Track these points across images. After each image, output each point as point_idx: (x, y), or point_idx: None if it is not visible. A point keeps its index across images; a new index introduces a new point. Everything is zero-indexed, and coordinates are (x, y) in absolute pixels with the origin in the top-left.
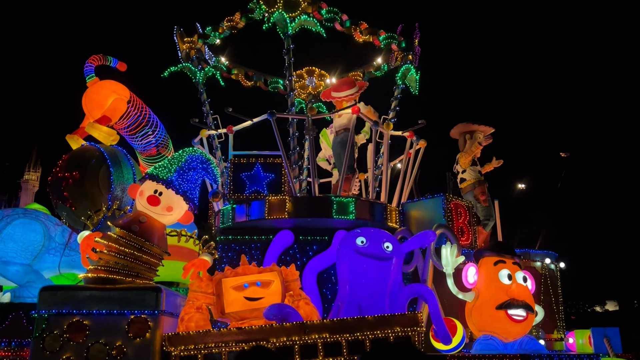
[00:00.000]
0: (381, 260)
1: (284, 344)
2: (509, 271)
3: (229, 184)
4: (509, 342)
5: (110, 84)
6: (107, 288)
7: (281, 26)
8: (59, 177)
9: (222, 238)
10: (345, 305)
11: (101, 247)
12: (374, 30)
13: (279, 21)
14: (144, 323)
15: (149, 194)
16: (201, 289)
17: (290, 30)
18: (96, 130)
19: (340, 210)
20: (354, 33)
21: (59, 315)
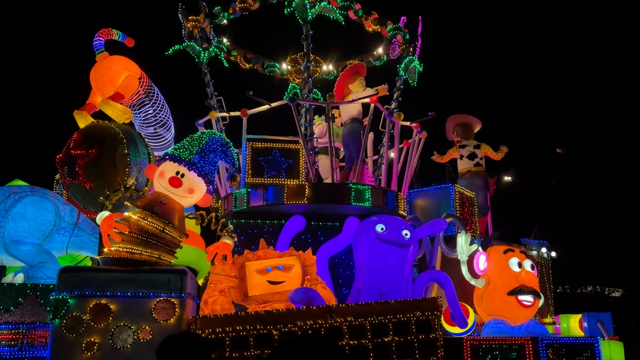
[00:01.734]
0: (400, 246)
1: (310, 327)
2: (518, 259)
3: (246, 168)
4: (516, 325)
5: (122, 60)
6: (132, 270)
7: (301, 11)
8: (73, 155)
9: (234, 222)
10: (366, 290)
11: (123, 228)
12: (383, 20)
13: (299, 6)
14: (170, 305)
15: (171, 175)
16: (225, 272)
17: (310, 16)
18: (111, 107)
19: (358, 198)
20: (364, 22)
21: (81, 297)
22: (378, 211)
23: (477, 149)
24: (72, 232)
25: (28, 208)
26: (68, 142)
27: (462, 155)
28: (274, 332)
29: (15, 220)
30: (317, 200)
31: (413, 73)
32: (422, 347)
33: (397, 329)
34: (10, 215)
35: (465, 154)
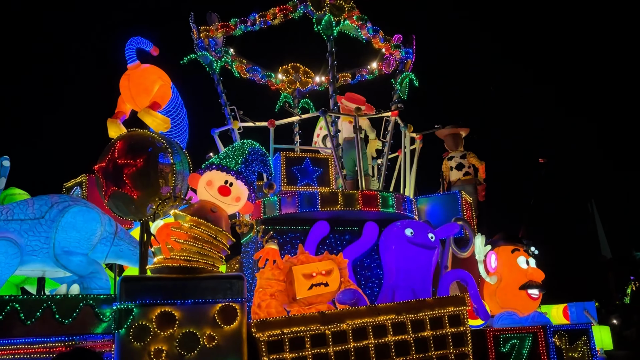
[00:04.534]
0: (429, 249)
1: (358, 326)
2: (524, 257)
3: (281, 177)
4: (524, 316)
5: (156, 70)
6: (192, 277)
7: (326, 29)
8: (119, 164)
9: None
10: (400, 290)
11: (182, 236)
12: (387, 38)
13: (327, 24)
14: (232, 310)
15: (220, 184)
16: (274, 276)
17: (335, 34)
18: (151, 116)
19: (384, 204)
20: (373, 40)
21: (145, 305)
22: (398, 216)
23: (463, 158)
24: (112, 242)
25: (77, 218)
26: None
27: (452, 166)
28: (327, 332)
29: (65, 231)
30: (348, 206)
31: (405, 87)
32: (455, 339)
33: (433, 324)
34: (60, 226)
35: (454, 165)
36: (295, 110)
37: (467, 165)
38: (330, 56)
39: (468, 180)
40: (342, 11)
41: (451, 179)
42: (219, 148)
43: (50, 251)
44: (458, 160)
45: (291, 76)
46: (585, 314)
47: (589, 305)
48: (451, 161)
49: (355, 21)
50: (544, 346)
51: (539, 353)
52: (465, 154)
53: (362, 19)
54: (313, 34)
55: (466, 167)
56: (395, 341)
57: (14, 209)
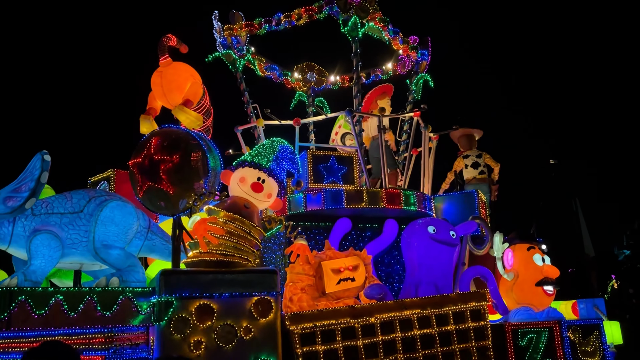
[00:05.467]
0: (451, 246)
1: (386, 320)
2: (540, 255)
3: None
4: (539, 311)
5: (187, 67)
6: (228, 271)
7: (352, 30)
8: (156, 160)
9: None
10: (424, 285)
11: (219, 231)
12: (406, 39)
13: (353, 25)
14: (267, 303)
15: (253, 181)
16: (305, 271)
17: (360, 35)
18: (185, 113)
19: (406, 202)
20: (393, 41)
21: (184, 298)
22: (419, 214)
23: (479, 158)
24: (146, 236)
25: (116, 212)
26: (144, 146)
27: (467, 164)
28: (357, 325)
29: (105, 225)
30: (373, 204)
31: (419, 88)
32: (477, 333)
33: (456, 318)
34: (99, 220)
35: (469, 163)
36: (310, 109)
37: (482, 165)
38: (355, 57)
39: (483, 179)
40: (367, 13)
41: (465, 177)
42: (242, 145)
43: (90, 244)
44: (474, 159)
45: (306, 75)
46: (595, 310)
47: (598, 301)
48: (467, 159)
49: (378, 22)
50: (559, 340)
51: (554, 347)
52: (481, 153)
53: (384, 21)
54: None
55: (482, 166)
56: (420, 335)
57: (52, 203)
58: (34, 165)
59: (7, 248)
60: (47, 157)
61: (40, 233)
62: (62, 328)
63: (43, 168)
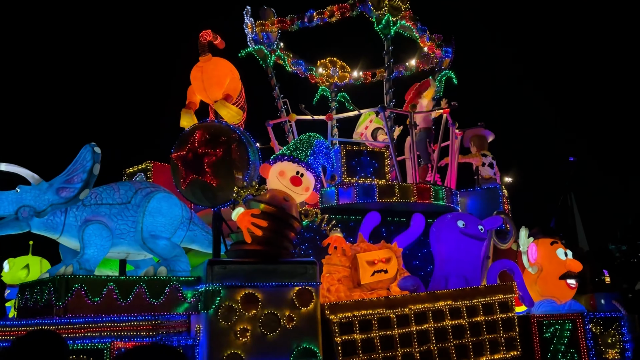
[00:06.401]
0: (480, 239)
1: (420, 310)
2: (562, 249)
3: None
4: (561, 304)
5: (227, 63)
6: (272, 261)
7: (385, 28)
8: (200, 153)
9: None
10: (453, 278)
11: (262, 223)
12: (433, 37)
13: (387, 23)
14: (308, 293)
15: (292, 175)
16: (341, 263)
17: (392, 33)
18: (226, 108)
19: (435, 196)
20: (420, 39)
21: (231, 287)
22: (447, 209)
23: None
24: (188, 227)
25: (163, 203)
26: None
27: (484, 162)
28: (392, 315)
29: (152, 216)
30: (403, 198)
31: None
32: (505, 324)
33: (485, 309)
34: (147, 211)
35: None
36: (333, 104)
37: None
38: (387, 54)
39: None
40: (400, 11)
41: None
42: (273, 139)
43: (138, 235)
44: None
45: (329, 70)
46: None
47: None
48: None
49: (409, 20)
50: (582, 332)
51: (577, 338)
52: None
53: (414, 19)
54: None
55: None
56: (452, 325)
57: (101, 194)
58: (84, 156)
59: (58, 237)
60: (97, 149)
61: (92, 223)
62: (114, 315)
63: (94, 160)
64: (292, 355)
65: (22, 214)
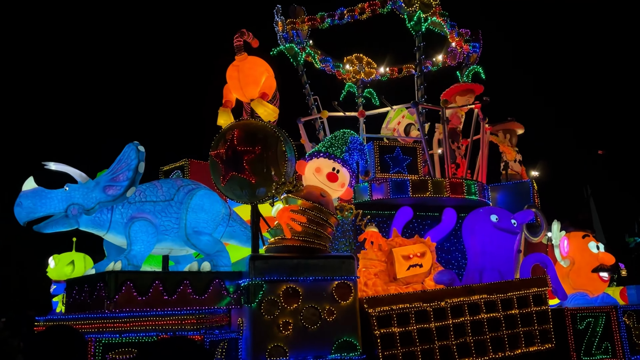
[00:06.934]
0: (513, 233)
1: (455, 304)
2: (595, 242)
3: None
4: (593, 297)
5: (262, 62)
6: (311, 256)
7: (417, 25)
8: (239, 151)
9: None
10: (487, 272)
11: (301, 219)
12: (461, 33)
13: (418, 20)
14: (347, 287)
15: (328, 171)
16: (377, 257)
17: (423, 29)
18: (263, 106)
19: (468, 191)
20: (449, 34)
21: (273, 282)
22: (479, 203)
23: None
24: (227, 223)
25: (205, 200)
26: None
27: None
28: (429, 309)
29: (195, 212)
30: (437, 193)
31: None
32: (539, 317)
33: (520, 302)
34: (189, 208)
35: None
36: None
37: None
38: (418, 51)
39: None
40: (431, 8)
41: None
42: (303, 136)
43: (181, 231)
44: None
45: (355, 66)
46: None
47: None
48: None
49: (439, 17)
50: (616, 324)
51: (611, 331)
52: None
53: (444, 15)
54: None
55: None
56: (487, 318)
57: (145, 191)
58: (128, 155)
59: (105, 234)
60: (141, 148)
61: (138, 220)
62: (161, 309)
63: (139, 158)
64: (333, 348)
65: (71, 212)
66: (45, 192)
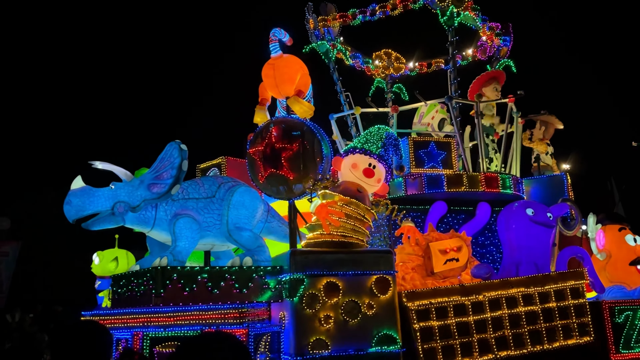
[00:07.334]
0: (549, 227)
1: (493, 297)
2: (631, 235)
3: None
4: (631, 290)
5: (297, 60)
6: (350, 251)
7: (449, 20)
8: (277, 148)
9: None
10: (524, 265)
11: (339, 214)
12: (492, 26)
13: (451, 15)
14: (386, 282)
15: (365, 167)
16: (415, 251)
17: (456, 24)
18: (299, 104)
19: (503, 185)
20: (481, 29)
21: (313, 276)
22: (514, 197)
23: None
24: (266, 219)
25: (245, 197)
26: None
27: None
28: (467, 302)
29: (237, 209)
30: (472, 187)
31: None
32: (577, 310)
33: (557, 296)
34: (231, 204)
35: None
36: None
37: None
38: (451, 45)
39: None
40: (463, 2)
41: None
42: (336, 133)
43: (223, 227)
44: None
45: (384, 62)
46: None
47: None
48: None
49: (471, 11)
50: None
51: None
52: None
53: (475, 9)
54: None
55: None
56: (525, 312)
57: (187, 188)
58: (171, 154)
59: (149, 230)
60: (183, 147)
61: (182, 217)
62: (206, 304)
63: (182, 157)
64: (373, 342)
65: (117, 209)
66: (92, 191)
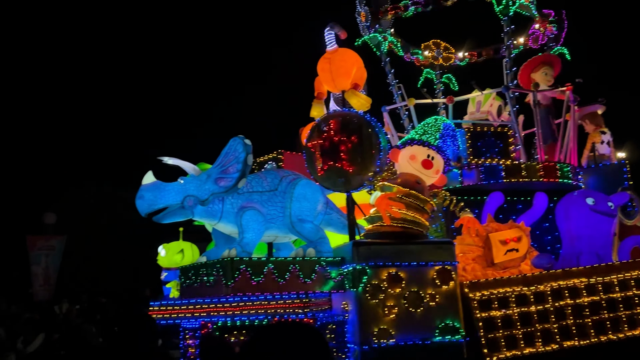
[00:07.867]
0: (610, 216)
1: (555, 288)
2: None
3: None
4: None
5: (353, 53)
6: (411, 242)
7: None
8: (336, 141)
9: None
10: (585, 255)
11: (400, 206)
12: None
13: (507, 3)
14: (447, 272)
15: (423, 158)
16: (475, 242)
17: (511, 13)
18: (357, 97)
19: (562, 175)
20: (537, 17)
21: (376, 267)
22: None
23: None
24: (325, 211)
25: (307, 189)
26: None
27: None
28: (528, 292)
29: (299, 201)
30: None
31: None
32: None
33: (621, 286)
34: (293, 197)
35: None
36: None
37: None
38: (507, 35)
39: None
40: None
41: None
42: (389, 125)
43: (287, 219)
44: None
45: (433, 52)
46: None
47: None
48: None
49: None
50: None
51: None
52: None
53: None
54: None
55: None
56: (588, 302)
57: (251, 182)
58: (235, 148)
59: (216, 223)
60: (247, 141)
61: (248, 209)
62: (273, 293)
63: (247, 151)
64: (436, 331)
65: (187, 203)
66: (163, 185)
